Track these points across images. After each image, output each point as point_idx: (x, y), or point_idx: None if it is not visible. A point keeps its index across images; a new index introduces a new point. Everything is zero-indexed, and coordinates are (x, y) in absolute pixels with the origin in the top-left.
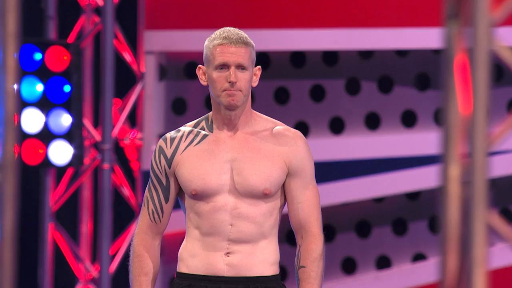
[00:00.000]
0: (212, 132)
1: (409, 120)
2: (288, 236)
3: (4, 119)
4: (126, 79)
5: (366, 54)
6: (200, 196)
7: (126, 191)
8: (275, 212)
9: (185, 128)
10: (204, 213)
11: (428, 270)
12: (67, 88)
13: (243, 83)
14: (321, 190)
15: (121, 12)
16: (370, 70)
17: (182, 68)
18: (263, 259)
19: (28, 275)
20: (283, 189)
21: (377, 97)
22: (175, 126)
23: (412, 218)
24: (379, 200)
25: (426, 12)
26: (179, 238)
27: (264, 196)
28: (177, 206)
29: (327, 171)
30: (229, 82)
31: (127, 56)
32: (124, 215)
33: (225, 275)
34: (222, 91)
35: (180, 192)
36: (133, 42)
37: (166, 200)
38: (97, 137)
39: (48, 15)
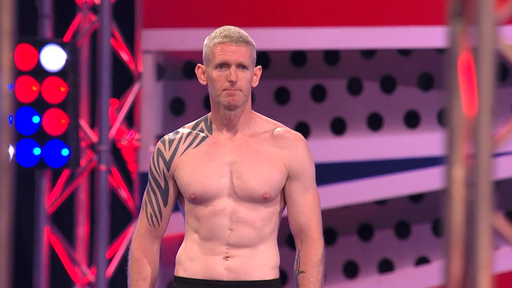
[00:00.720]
0: (211, 133)
1: (412, 120)
2: (288, 240)
3: None
4: (123, 79)
5: (369, 54)
6: (199, 200)
7: (123, 193)
8: (275, 216)
9: (184, 130)
10: (203, 217)
11: (431, 274)
12: (63, 88)
13: (243, 83)
14: (322, 192)
15: (118, 11)
16: (373, 70)
17: (180, 68)
18: (263, 263)
19: (24, 279)
20: (283, 193)
21: (379, 97)
22: (173, 126)
23: (415, 221)
24: (381, 203)
25: (429, 11)
26: (177, 241)
27: (263, 200)
28: (175, 208)
29: (328, 173)
30: (230, 81)
31: (124, 55)
32: (121, 218)
33: (224, 279)
34: (222, 90)
35: (179, 195)
36: (131, 41)
37: (165, 204)
38: (94, 138)
39: (44, 14)
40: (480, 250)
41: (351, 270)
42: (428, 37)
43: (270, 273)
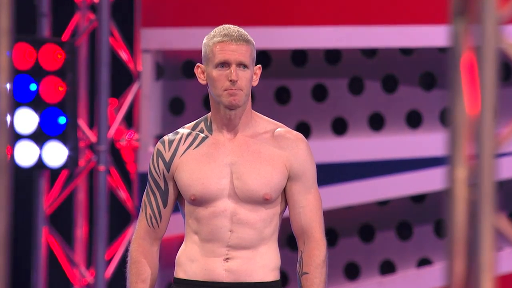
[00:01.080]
0: (211, 134)
1: (414, 120)
2: (289, 241)
3: None
4: (122, 78)
5: (370, 53)
6: (199, 201)
7: (122, 193)
8: (276, 218)
9: (184, 130)
10: (203, 218)
11: (433, 275)
12: (61, 88)
13: (244, 82)
14: (323, 193)
15: (117, 9)
16: (374, 69)
17: (180, 67)
18: (263, 265)
19: (22, 281)
20: (284, 195)
21: (381, 97)
22: (172, 126)
23: (417, 222)
24: (383, 203)
25: (431, 9)
26: (177, 242)
27: (264, 201)
28: (175, 209)
29: (329, 173)
30: (230, 80)
31: (123, 55)
32: (120, 219)
33: (224, 281)
34: (223, 90)
35: (179, 197)
36: (130, 40)
37: (165, 205)
38: (93, 138)
39: (42, 12)
40: (483, 251)
41: (352, 272)
42: (430, 36)
43: (270, 274)
